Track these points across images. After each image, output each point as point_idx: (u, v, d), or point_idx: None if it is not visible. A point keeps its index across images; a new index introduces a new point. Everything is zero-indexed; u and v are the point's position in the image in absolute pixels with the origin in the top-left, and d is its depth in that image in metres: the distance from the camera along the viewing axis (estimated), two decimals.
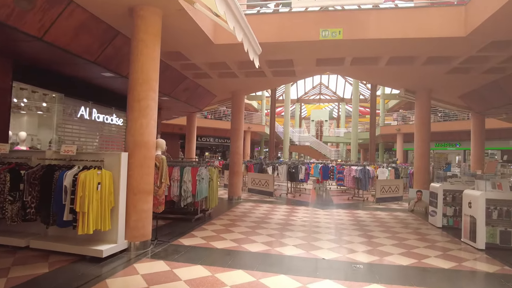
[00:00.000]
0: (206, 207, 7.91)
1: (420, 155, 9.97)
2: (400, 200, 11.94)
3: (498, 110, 9.93)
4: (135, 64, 5.22)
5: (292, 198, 12.23)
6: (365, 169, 12.29)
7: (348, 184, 12.66)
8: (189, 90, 10.22)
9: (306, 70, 8.40)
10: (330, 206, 10.70)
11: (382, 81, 9.61)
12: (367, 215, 8.97)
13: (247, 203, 10.48)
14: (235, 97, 11.25)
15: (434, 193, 7.79)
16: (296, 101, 40.30)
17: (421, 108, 10.05)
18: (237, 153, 11.12)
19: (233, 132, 11.22)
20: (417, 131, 10.16)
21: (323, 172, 15.55)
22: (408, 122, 25.49)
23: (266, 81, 9.92)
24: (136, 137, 5.13)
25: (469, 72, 7.95)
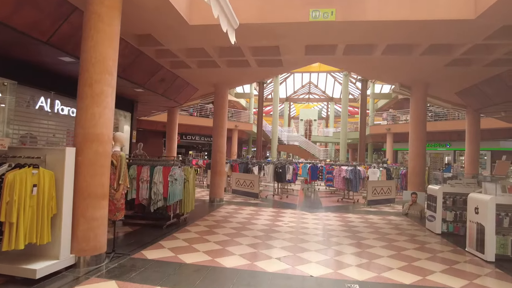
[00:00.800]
0: (181, 212, 7.02)
1: (415, 155, 9.30)
2: (393, 202, 11.28)
3: (497, 108, 9.34)
4: (87, 41, 4.31)
5: (279, 200, 11.44)
6: (355, 170, 11.59)
7: (338, 185, 11.95)
8: (166, 81, 9.29)
9: (294, 59, 7.60)
10: (318, 209, 9.95)
11: (376, 74, 8.90)
12: (358, 220, 8.23)
13: (229, 206, 9.63)
14: (218, 90, 10.38)
15: (432, 196, 7.10)
16: (285, 100, 39.62)
17: (416, 104, 9.39)
18: (219, 151, 10.25)
19: (216, 129, 10.35)
20: (412, 129, 9.49)
21: (312, 172, 14.83)
22: (398, 121, 25.06)
23: (251, 73, 9.09)
24: (87, 129, 4.23)
25: (470, 65, 7.29)
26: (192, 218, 7.57)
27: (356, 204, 11.17)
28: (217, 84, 10.30)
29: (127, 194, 6.71)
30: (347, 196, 12.19)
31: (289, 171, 12.54)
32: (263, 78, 9.71)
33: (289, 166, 12.63)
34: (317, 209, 9.90)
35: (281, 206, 10.04)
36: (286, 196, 12.32)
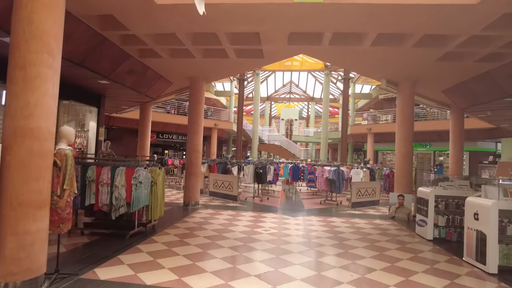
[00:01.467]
0: (148, 219, 6.20)
1: (402, 155, 8.85)
2: (377, 205, 10.84)
3: (484, 107, 9.04)
4: (19, 10, 3.45)
5: (259, 202, 10.75)
6: (339, 170, 11.07)
7: (321, 187, 11.39)
8: (135, 73, 8.40)
9: (276, 49, 6.92)
10: (301, 212, 9.33)
11: (363, 68, 8.38)
12: (344, 224, 7.66)
13: (205, 210, 8.84)
14: (194, 84, 9.57)
15: (423, 199, 6.61)
16: (266, 99, 39.07)
17: (403, 102, 8.95)
18: (195, 150, 9.44)
19: (191, 126, 9.53)
20: (399, 128, 9.04)
21: (293, 172, 14.24)
22: (379, 121, 24.99)
23: (229, 65, 8.35)
24: (18, 122, 3.37)
25: (462, 60, 6.86)
26: (162, 225, 6.74)
27: (339, 206, 10.65)
28: (192, 77, 9.49)
29: (84, 199, 5.84)
30: (330, 197, 11.67)
31: (270, 171, 11.88)
32: (242, 71, 8.99)
33: (270, 166, 11.98)
34: (299, 212, 9.28)
35: (261, 210, 9.35)
36: (267, 198, 11.65)
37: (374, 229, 7.25)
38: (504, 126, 12.80)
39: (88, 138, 10.34)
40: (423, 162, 8.74)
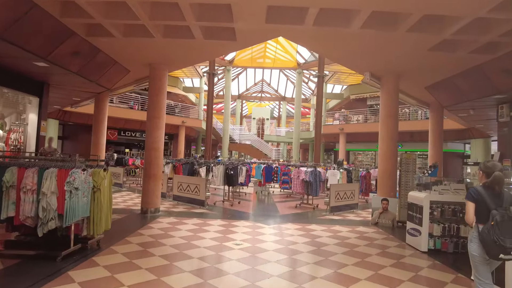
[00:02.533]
0: (89, 233, 4.91)
1: (386, 156, 8.13)
2: (356, 208, 10.12)
3: (468, 105, 8.56)
4: None
5: (230, 207, 9.65)
6: (316, 171, 10.24)
7: (296, 189, 10.48)
8: (82, 55, 7.01)
9: (251, 29, 5.85)
10: (276, 218, 8.36)
11: (347, 57, 7.54)
12: (325, 233, 6.76)
13: (166, 218, 7.61)
14: (154, 72, 8.30)
15: (416, 205, 5.84)
16: (237, 97, 37.99)
17: (387, 97, 8.24)
18: (154, 148, 8.17)
19: (150, 121, 8.26)
20: (382, 125, 8.32)
21: (266, 173, 13.30)
22: (350, 122, 24.73)
23: (196, 48, 7.17)
24: None
25: (456, 50, 6.19)
26: (110, 239, 5.47)
27: (316, 210, 9.80)
28: (153, 64, 8.21)
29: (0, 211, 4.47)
30: (306, 200, 10.81)
31: (242, 172, 10.82)
32: (212, 57, 7.83)
33: (242, 167, 10.92)
34: (274, 218, 8.30)
35: (232, 216, 8.27)
36: (238, 202, 10.57)
37: (360, 239, 6.41)
38: (479, 127, 12.63)
39: (27, 133, 8.73)
40: (408, 163, 8.07)
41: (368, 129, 22.56)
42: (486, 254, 2.88)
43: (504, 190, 3.01)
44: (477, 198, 3.00)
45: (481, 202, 2.97)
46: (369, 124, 22.73)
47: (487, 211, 2.91)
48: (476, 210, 3.00)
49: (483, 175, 3.14)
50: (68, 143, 21.65)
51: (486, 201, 2.94)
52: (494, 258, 2.86)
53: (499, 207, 2.87)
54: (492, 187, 2.97)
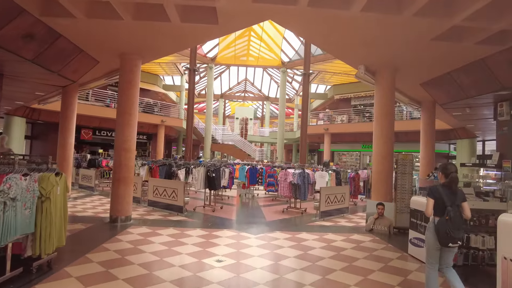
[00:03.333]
0: (34, 254, 3.97)
1: (381, 157, 7.51)
2: (346, 212, 9.50)
3: (465, 102, 8.07)
4: None
5: (211, 213, 8.80)
6: (304, 173, 9.55)
7: (283, 192, 9.75)
8: (38, 39, 6.00)
9: (235, 10, 5.06)
10: (262, 225, 7.59)
11: (342, 47, 6.82)
12: (318, 244, 6.04)
13: (138, 228, 6.70)
14: (125, 63, 7.37)
15: (421, 212, 5.20)
16: (220, 96, 37.05)
17: (383, 94, 7.63)
18: (125, 149, 7.23)
19: (121, 117, 7.31)
20: (377, 124, 7.70)
21: (251, 175, 12.53)
22: (334, 122, 24.29)
23: (172, 33, 6.28)
24: None
25: (463, 40, 5.62)
26: (66, 257, 4.55)
27: (305, 215, 9.11)
28: (124, 54, 7.28)
29: None
30: (294, 204, 10.09)
31: (225, 175, 9.99)
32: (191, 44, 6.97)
33: (225, 169, 10.08)
34: (260, 226, 7.53)
35: (213, 224, 7.43)
36: (221, 207, 9.72)
37: (357, 250, 5.73)
38: (470, 127, 12.31)
39: None
40: (405, 164, 7.48)
41: (353, 129, 22.21)
42: (438, 242, 3.42)
43: (458, 188, 3.57)
44: (437, 195, 3.50)
45: (439, 199, 3.47)
46: (355, 124, 22.39)
47: (443, 207, 3.42)
48: (434, 205, 3.50)
49: (442, 175, 3.64)
50: (37, 144, 20.14)
51: (444, 198, 3.44)
52: (444, 246, 3.41)
53: (453, 204, 3.40)
54: (449, 186, 3.50)
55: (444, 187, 3.52)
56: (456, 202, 3.43)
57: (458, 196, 3.47)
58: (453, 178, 3.48)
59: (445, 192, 3.46)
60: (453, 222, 3.31)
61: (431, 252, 3.54)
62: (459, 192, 3.54)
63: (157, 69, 25.72)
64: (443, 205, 3.43)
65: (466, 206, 3.51)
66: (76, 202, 9.70)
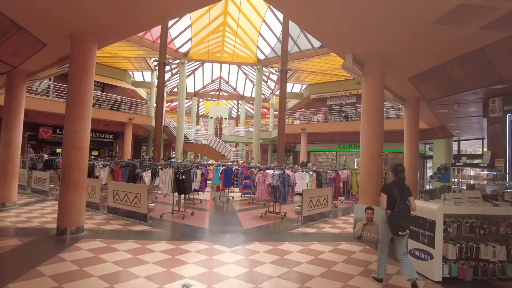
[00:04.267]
0: None
1: (370, 156, 6.81)
2: (329, 216, 8.79)
3: (453, 98, 7.59)
4: None
5: (180, 221, 7.76)
6: (284, 175, 8.74)
7: (262, 196, 8.86)
8: None
9: None
10: (239, 234, 6.67)
11: (331, 30, 6.02)
12: (304, 257, 5.21)
13: (90, 242, 5.57)
14: (77, 45, 6.21)
15: (424, 220, 4.49)
16: (193, 95, 35.71)
17: (371, 87, 6.94)
18: (75, 147, 6.06)
19: (70, 109, 6.14)
20: (365, 120, 7.00)
21: (225, 177, 11.55)
22: (310, 121, 23.78)
23: (132, 7, 5.23)
24: None
25: (466, 24, 5.01)
26: None
27: (285, 221, 8.30)
28: (75, 34, 6.12)
29: None
30: (273, 208, 9.24)
31: (196, 177, 8.96)
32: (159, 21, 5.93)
33: (197, 170, 9.05)
34: (236, 235, 6.61)
35: (182, 235, 6.42)
36: (192, 213, 8.68)
37: (349, 263, 4.95)
38: (452, 125, 12.02)
39: None
40: None
41: (330, 129, 21.80)
42: (390, 231, 3.99)
43: (405, 185, 4.05)
44: (388, 191, 4.03)
45: (391, 194, 3.99)
46: (332, 124, 21.99)
47: (394, 201, 3.94)
48: (387, 200, 4.01)
49: (392, 174, 4.19)
50: None
51: (394, 194, 3.97)
52: (395, 234, 3.95)
53: (402, 198, 3.92)
54: (398, 183, 4.04)
55: (394, 184, 4.08)
56: (404, 197, 3.96)
57: (405, 192, 4.00)
58: (400, 177, 4.08)
59: (395, 188, 4.02)
60: (402, 214, 3.87)
61: (383, 240, 4.17)
62: (406, 188, 4.05)
63: (125, 64, 24.12)
64: (393, 199, 3.96)
65: (412, 200, 4.02)
66: (23, 210, 8.34)
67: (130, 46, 20.18)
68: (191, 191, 8.59)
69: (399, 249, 4.03)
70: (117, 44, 19.56)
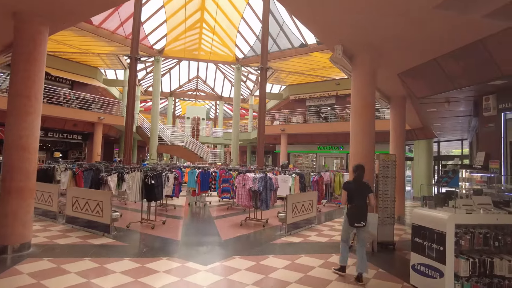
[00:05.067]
0: None
1: (361, 157, 6.16)
2: (314, 222, 8.17)
3: (444, 96, 7.16)
4: None
5: (150, 231, 6.84)
6: (266, 178, 8.02)
7: (242, 201, 8.09)
8: None
9: None
10: (216, 247, 5.87)
11: (322, 15, 5.39)
12: (292, 275, 4.50)
13: (35, 263, 4.60)
14: (21, 26, 5.22)
15: (431, 231, 3.88)
16: (169, 94, 34.41)
17: (362, 82, 6.34)
18: (20, 147, 5.07)
19: (13, 102, 5.14)
20: (355, 119, 6.39)
21: (202, 180, 10.72)
22: (290, 122, 23.24)
23: None
24: None
25: (470, 11, 4.49)
26: None
27: (268, 228, 7.58)
28: (20, 13, 5.14)
29: None
30: (253, 214, 8.49)
31: (168, 181, 8.08)
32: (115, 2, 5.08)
33: (169, 174, 8.16)
34: (213, 248, 5.81)
35: (150, 250, 5.54)
36: (163, 221, 7.76)
37: (345, 283, 4.28)
38: (436, 126, 11.75)
39: None
40: (387, 166, 6.29)
41: (310, 130, 21.37)
42: (349, 223, 4.56)
43: (364, 183, 4.68)
44: (348, 188, 4.68)
45: (349, 191, 4.64)
46: (312, 125, 21.56)
47: (351, 197, 4.59)
48: (347, 196, 4.65)
49: (352, 173, 4.90)
50: None
51: (352, 190, 4.62)
52: (351, 225, 4.54)
53: (359, 195, 4.58)
54: (356, 181, 4.68)
55: (352, 182, 4.67)
56: (362, 193, 4.54)
57: (362, 189, 4.58)
58: (356, 176, 4.62)
59: (353, 186, 4.60)
60: (357, 208, 4.45)
61: (345, 232, 4.66)
62: (364, 186, 4.61)
63: (96, 61, 22.71)
64: (351, 195, 4.54)
65: (371, 196, 4.64)
66: None
67: (101, 41, 18.91)
68: (162, 197, 7.67)
69: (359, 240, 4.52)
70: (87, 39, 18.24)
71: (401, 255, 5.76)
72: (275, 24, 19.09)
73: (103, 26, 18.08)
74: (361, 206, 4.47)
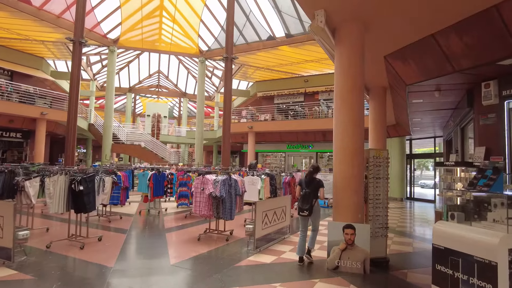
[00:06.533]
0: None
1: (349, 154, 4.94)
2: (288, 233, 6.87)
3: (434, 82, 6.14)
4: None
5: (77, 253, 5.14)
6: (230, 180, 6.59)
7: (201, 211, 6.56)
8: None
9: None
10: (162, 277, 4.34)
11: None
12: None
13: None
14: None
15: (469, 259, 2.66)
16: (128, 90, 31.89)
17: (348, 58, 5.10)
18: None
19: None
20: (340, 105, 5.13)
21: (155, 183, 9.07)
22: (258, 120, 21.96)
23: None
24: None
25: None
26: None
27: (232, 243, 6.15)
28: None
29: None
30: (215, 224, 7.01)
31: (105, 187, 6.37)
32: None
33: (104, 178, 6.44)
34: (158, 280, 4.26)
35: (65, 285, 3.90)
36: (99, 238, 6.06)
37: None
38: (416, 120, 10.92)
39: None
40: (379, 164, 5.11)
41: (279, 128, 20.23)
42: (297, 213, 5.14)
43: (315, 178, 5.18)
44: (301, 182, 5.28)
45: (301, 184, 5.23)
46: (280, 122, 20.41)
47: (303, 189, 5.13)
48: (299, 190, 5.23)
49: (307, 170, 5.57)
50: None
51: (303, 185, 5.18)
52: (298, 214, 5.12)
53: (308, 188, 5.07)
54: (307, 177, 5.21)
55: (305, 177, 5.28)
56: (311, 185, 5.10)
57: (313, 184, 5.11)
58: (308, 172, 5.27)
59: (305, 180, 5.23)
60: (303, 199, 5.06)
61: (300, 222, 5.26)
62: (315, 181, 5.15)
63: (41, 50, 20.03)
64: (303, 188, 5.16)
65: (321, 191, 5.13)
66: None
67: (44, 26, 16.48)
68: (94, 207, 5.93)
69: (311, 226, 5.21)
70: (27, 22, 15.74)
71: (399, 276, 4.58)
72: (241, 14, 17.71)
73: (45, 8, 15.72)
74: (307, 194, 5.00)
